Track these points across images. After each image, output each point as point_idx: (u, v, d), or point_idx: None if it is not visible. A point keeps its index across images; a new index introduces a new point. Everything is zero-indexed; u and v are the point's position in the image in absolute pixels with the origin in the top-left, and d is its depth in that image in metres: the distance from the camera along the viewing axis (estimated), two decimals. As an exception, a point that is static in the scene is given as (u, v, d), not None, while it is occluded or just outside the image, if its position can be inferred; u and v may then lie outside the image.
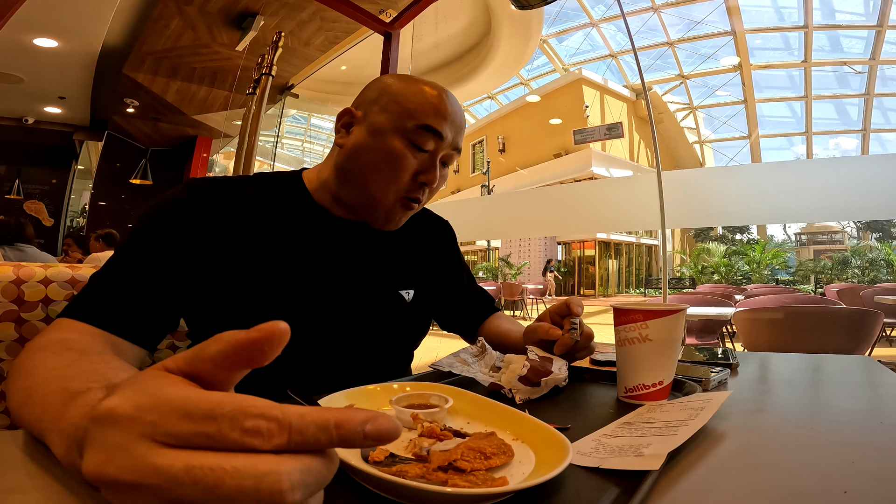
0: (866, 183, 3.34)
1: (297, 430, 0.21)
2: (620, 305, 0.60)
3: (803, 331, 2.29)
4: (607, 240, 17.85)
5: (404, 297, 0.77)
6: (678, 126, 18.33)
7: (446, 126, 0.68)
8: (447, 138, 0.69)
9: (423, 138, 0.67)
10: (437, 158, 0.69)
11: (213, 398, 0.22)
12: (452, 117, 0.69)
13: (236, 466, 0.20)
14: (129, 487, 0.21)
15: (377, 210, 0.70)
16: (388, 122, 0.67)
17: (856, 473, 0.38)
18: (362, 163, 0.68)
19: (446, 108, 0.68)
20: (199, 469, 0.20)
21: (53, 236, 8.56)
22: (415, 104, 0.67)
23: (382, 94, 0.69)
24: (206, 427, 0.21)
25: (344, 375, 0.68)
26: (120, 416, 0.22)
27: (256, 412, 0.21)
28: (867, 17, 13.71)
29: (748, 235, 17.28)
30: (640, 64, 3.91)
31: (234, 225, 0.66)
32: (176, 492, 0.20)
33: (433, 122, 0.67)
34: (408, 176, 0.68)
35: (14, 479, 0.35)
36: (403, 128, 0.67)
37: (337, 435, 0.21)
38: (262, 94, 4.12)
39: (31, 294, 0.76)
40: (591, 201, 4.75)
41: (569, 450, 0.36)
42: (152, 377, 0.24)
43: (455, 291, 0.92)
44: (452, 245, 0.94)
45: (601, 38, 16.61)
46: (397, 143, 0.67)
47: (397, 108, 0.67)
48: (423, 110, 0.67)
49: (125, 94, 7.11)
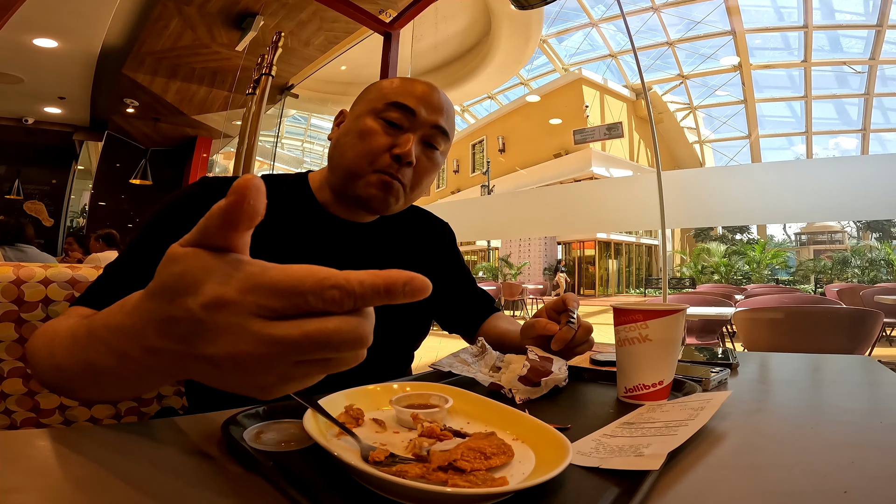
0: (866, 183, 3.34)
1: (360, 297, 0.26)
2: (620, 305, 0.60)
3: (803, 331, 2.29)
4: (607, 240, 17.85)
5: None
6: (678, 126, 18.33)
7: (416, 101, 0.70)
8: (420, 114, 0.70)
9: (394, 114, 0.70)
10: (413, 135, 0.70)
11: (292, 275, 0.27)
12: (426, 97, 0.71)
13: (336, 326, 0.26)
14: (258, 359, 0.26)
15: (354, 185, 0.71)
16: (364, 107, 0.72)
17: (856, 473, 0.38)
18: (342, 146, 0.72)
19: (417, 87, 0.72)
20: (312, 332, 0.26)
21: (53, 236, 8.56)
22: (385, 87, 0.73)
23: (365, 90, 0.76)
24: (298, 301, 0.26)
25: (344, 375, 0.68)
26: (229, 302, 0.26)
27: (329, 284, 0.26)
28: (867, 17, 13.71)
29: (748, 235, 17.28)
30: (640, 64, 3.91)
31: None
32: (298, 353, 0.26)
33: (402, 99, 0.70)
34: (380, 150, 0.69)
35: (14, 479, 0.35)
36: (375, 108, 0.71)
37: (386, 295, 0.26)
38: (262, 95, 4.12)
39: (31, 294, 0.77)
40: (591, 201, 4.75)
41: (569, 450, 0.36)
42: (225, 263, 0.28)
43: (455, 292, 0.92)
44: (452, 247, 0.95)
45: (601, 38, 16.61)
46: (370, 122, 0.70)
47: (372, 95, 0.73)
48: (394, 90, 0.72)
49: (125, 95, 7.11)
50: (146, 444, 0.42)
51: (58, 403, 0.80)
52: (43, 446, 0.43)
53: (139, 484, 0.35)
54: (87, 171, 9.94)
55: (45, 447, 0.43)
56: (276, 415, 0.48)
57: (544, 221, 5.10)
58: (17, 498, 0.32)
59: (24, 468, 0.36)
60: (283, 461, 0.38)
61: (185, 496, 0.33)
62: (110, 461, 0.39)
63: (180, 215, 0.65)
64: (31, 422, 0.78)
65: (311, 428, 0.40)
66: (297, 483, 0.33)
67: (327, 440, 0.40)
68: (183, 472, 0.37)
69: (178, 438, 0.44)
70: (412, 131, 0.70)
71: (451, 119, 0.75)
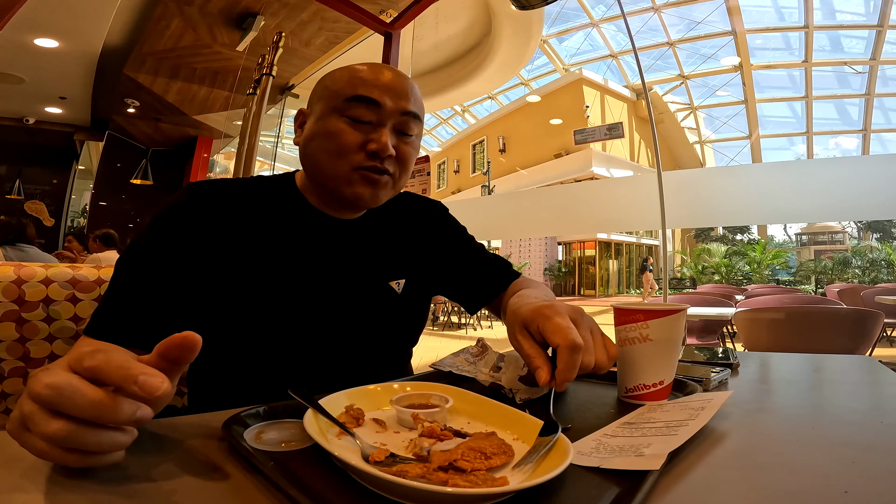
0: (866, 183, 3.33)
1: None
2: (621, 305, 0.60)
3: (804, 331, 2.29)
4: (607, 240, 17.83)
5: (394, 288, 0.76)
6: (678, 126, 18.31)
7: (377, 91, 0.67)
8: (385, 104, 0.68)
9: (357, 109, 0.67)
10: (384, 126, 0.68)
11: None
12: (385, 83, 0.68)
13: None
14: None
15: (338, 188, 0.69)
16: (325, 106, 0.69)
17: (856, 473, 0.38)
18: (312, 150, 0.70)
19: (375, 76, 0.69)
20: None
21: (54, 236, 8.56)
22: (342, 82, 0.69)
23: (319, 85, 0.73)
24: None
25: (342, 371, 0.68)
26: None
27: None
28: (867, 17, 13.69)
29: (749, 235, 17.26)
30: (641, 64, 3.91)
31: (229, 226, 0.67)
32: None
33: (362, 91, 0.67)
34: (354, 148, 0.67)
35: (14, 479, 0.35)
36: (337, 106, 0.68)
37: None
38: (263, 95, 4.11)
39: (31, 294, 0.77)
40: (591, 201, 4.74)
41: (569, 450, 0.36)
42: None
43: (463, 267, 0.86)
44: (446, 222, 0.90)
45: (601, 39, 16.60)
46: (335, 122, 0.68)
47: (329, 93, 0.70)
48: (350, 83, 0.68)
49: (126, 95, 7.11)
50: (146, 444, 0.42)
51: (58, 403, 0.80)
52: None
53: (139, 483, 0.35)
54: (87, 171, 9.93)
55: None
56: (277, 415, 0.48)
57: (545, 222, 5.09)
58: (17, 498, 0.32)
59: (24, 468, 0.36)
60: (284, 461, 0.38)
61: (186, 496, 0.33)
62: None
63: (171, 230, 0.65)
64: (32, 421, 0.78)
65: (312, 428, 0.40)
66: (298, 483, 0.33)
67: (328, 440, 0.40)
68: (183, 472, 0.37)
69: (178, 438, 0.44)
70: (382, 124, 0.68)
71: (419, 100, 0.72)
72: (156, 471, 0.37)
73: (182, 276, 0.63)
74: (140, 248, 0.63)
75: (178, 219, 0.65)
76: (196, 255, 0.64)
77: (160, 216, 0.66)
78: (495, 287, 0.85)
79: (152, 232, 0.64)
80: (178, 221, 0.65)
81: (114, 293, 0.61)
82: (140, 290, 0.61)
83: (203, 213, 0.66)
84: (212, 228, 0.66)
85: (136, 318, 0.59)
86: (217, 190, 0.69)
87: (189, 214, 0.66)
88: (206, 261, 0.65)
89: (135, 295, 0.61)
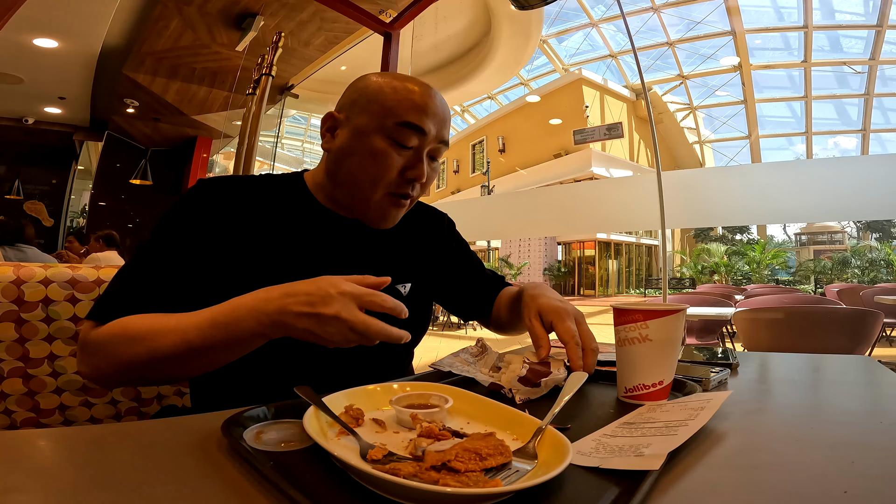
0: (866, 183, 3.34)
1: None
2: (620, 305, 0.60)
3: (803, 331, 2.29)
4: (607, 240, 17.84)
5: (400, 290, 0.77)
6: (678, 126, 18.32)
7: (428, 121, 0.68)
8: (430, 133, 0.68)
9: (405, 135, 0.67)
10: (423, 153, 0.69)
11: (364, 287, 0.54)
12: (434, 111, 0.69)
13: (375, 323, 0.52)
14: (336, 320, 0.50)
15: (369, 209, 0.71)
16: (369, 122, 0.68)
17: (856, 473, 0.38)
18: (349, 165, 0.69)
19: (426, 102, 0.68)
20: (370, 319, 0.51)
21: (53, 237, 8.55)
22: (393, 101, 0.67)
23: (361, 95, 0.70)
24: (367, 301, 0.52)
25: (345, 370, 0.68)
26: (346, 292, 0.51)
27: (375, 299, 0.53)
28: (867, 17, 13.71)
29: (748, 235, 17.28)
30: (640, 64, 3.92)
31: (239, 222, 0.68)
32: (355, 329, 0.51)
33: (414, 119, 0.67)
34: (394, 173, 0.68)
35: (14, 479, 0.35)
36: (384, 126, 0.67)
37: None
38: (262, 95, 4.11)
39: (31, 294, 0.77)
40: (591, 201, 4.75)
41: (569, 450, 0.36)
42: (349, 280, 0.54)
43: (462, 279, 0.91)
44: (452, 234, 0.93)
45: (601, 39, 16.60)
46: (380, 143, 0.67)
47: (377, 108, 0.68)
48: (403, 107, 0.67)
49: (125, 95, 7.10)
50: (146, 444, 0.42)
51: (58, 403, 0.80)
52: (43, 446, 0.43)
53: (139, 484, 0.35)
54: (87, 171, 9.93)
55: (45, 447, 0.43)
56: (276, 415, 0.48)
57: (544, 222, 5.10)
58: (17, 498, 0.32)
59: (24, 468, 0.36)
60: (283, 461, 0.38)
61: (186, 496, 0.33)
62: (110, 461, 0.39)
63: (186, 218, 0.66)
64: (31, 422, 0.78)
65: (311, 428, 0.40)
66: (297, 483, 0.33)
67: (327, 440, 0.40)
68: (183, 472, 0.37)
69: (178, 438, 0.44)
70: (421, 151, 0.69)
71: (450, 123, 0.74)
72: (156, 470, 0.37)
73: (188, 269, 0.64)
74: (148, 243, 0.65)
75: (188, 214, 0.66)
76: (204, 249, 0.65)
77: (170, 212, 0.67)
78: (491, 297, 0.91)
79: (161, 228, 0.66)
80: (188, 216, 0.66)
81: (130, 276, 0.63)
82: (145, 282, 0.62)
83: (213, 208, 0.67)
84: (221, 224, 0.67)
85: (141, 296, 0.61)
86: (227, 186, 0.70)
87: (199, 210, 0.67)
88: (213, 255, 0.66)
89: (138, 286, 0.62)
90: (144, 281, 0.63)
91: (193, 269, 0.64)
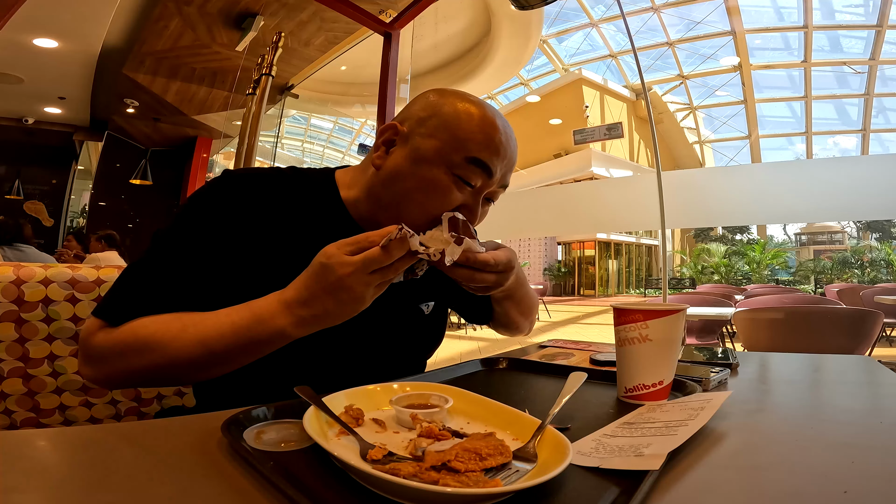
0: (866, 183, 3.34)
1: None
2: (620, 305, 0.60)
3: (803, 331, 2.29)
4: (607, 240, 17.85)
5: (423, 310, 0.76)
6: (678, 126, 18.32)
7: (497, 162, 0.62)
8: (496, 175, 0.63)
9: (471, 173, 0.62)
10: (481, 195, 0.64)
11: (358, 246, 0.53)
12: (506, 153, 0.63)
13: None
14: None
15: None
16: (435, 151, 0.62)
17: (856, 473, 0.38)
18: (399, 190, 0.63)
19: (501, 141, 0.63)
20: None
21: (53, 237, 8.55)
22: (466, 133, 0.61)
23: (433, 116, 0.63)
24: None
25: (355, 378, 0.68)
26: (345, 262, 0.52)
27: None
28: (867, 17, 13.71)
29: (748, 235, 17.28)
30: (640, 64, 3.92)
31: (261, 218, 0.65)
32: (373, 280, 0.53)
33: (485, 157, 0.61)
34: (448, 209, 0.62)
35: (14, 479, 0.34)
36: (451, 160, 0.61)
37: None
38: (262, 95, 4.12)
39: (31, 294, 0.77)
40: (591, 201, 4.75)
41: (569, 450, 0.36)
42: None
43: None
44: None
45: (601, 39, 16.60)
46: (442, 177, 0.61)
47: (447, 136, 0.62)
48: (476, 141, 0.61)
49: (125, 95, 7.10)
50: (146, 444, 0.42)
51: (58, 403, 0.80)
52: (43, 446, 0.43)
53: (139, 484, 0.35)
54: (87, 172, 9.92)
55: (45, 447, 0.43)
56: (277, 415, 0.48)
57: (544, 222, 5.10)
58: (17, 498, 0.32)
59: (24, 468, 0.36)
60: (283, 461, 0.38)
61: (186, 496, 0.33)
62: (110, 461, 0.39)
63: (211, 207, 0.63)
64: (31, 422, 0.78)
65: (311, 427, 0.40)
66: (297, 483, 0.33)
67: (327, 440, 0.40)
68: (183, 472, 0.37)
69: (178, 438, 0.44)
70: (482, 190, 0.64)
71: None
72: (156, 471, 0.37)
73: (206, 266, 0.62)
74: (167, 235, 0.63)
75: (211, 207, 0.63)
76: (225, 245, 0.62)
77: (193, 203, 0.64)
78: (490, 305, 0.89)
79: (182, 219, 0.63)
80: (211, 210, 0.63)
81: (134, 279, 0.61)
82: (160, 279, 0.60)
83: (237, 203, 0.64)
84: (245, 220, 0.64)
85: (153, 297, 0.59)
86: (254, 181, 0.66)
87: (223, 204, 0.64)
88: (234, 253, 0.63)
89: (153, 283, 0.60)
90: (160, 277, 0.60)
91: (212, 266, 0.62)
